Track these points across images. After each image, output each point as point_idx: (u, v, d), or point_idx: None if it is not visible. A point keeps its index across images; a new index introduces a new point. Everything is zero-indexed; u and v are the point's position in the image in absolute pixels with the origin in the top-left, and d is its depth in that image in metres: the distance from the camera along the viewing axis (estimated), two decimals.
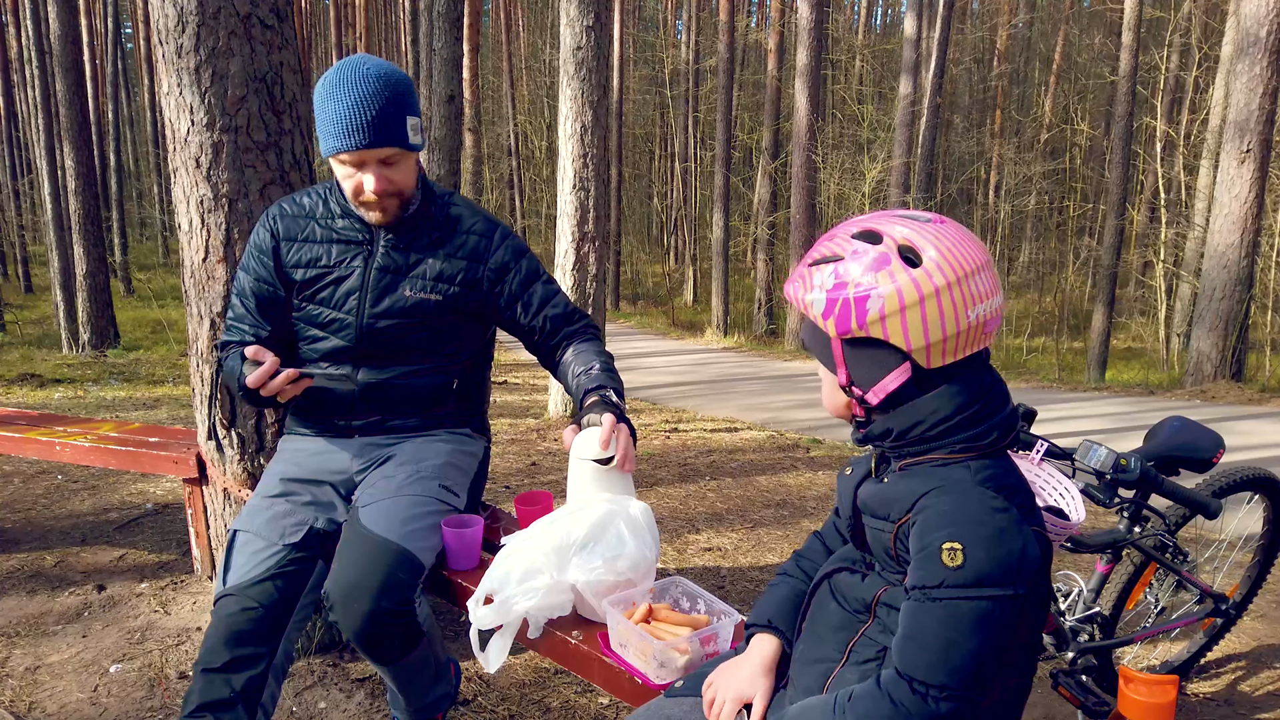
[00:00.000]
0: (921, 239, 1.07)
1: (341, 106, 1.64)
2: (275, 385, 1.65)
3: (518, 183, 25.46)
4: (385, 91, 1.66)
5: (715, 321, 16.45)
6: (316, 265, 1.82)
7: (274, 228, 1.85)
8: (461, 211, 1.90)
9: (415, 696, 1.84)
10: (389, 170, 1.73)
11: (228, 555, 1.72)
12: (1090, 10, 26.99)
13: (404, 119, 1.70)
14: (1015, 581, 1.00)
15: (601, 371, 1.78)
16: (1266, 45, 7.75)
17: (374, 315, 1.80)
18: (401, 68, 19.65)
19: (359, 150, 1.67)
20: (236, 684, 1.60)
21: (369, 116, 1.65)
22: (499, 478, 4.46)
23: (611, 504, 1.60)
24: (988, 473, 1.08)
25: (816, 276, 1.12)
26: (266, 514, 1.75)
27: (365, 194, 1.72)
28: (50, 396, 6.81)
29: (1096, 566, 2.16)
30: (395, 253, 1.82)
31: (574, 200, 5.91)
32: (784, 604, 1.32)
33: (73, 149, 9.90)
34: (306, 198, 1.88)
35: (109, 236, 17.13)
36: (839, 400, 1.19)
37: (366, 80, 1.65)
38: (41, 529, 3.48)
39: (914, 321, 1.05)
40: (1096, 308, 13.33)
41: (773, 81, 16.59)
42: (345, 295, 1.81)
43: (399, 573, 1.60)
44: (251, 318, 1.86)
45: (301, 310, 1.85)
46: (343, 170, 1.73)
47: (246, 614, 1.63)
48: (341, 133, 1.65)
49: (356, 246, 1.82)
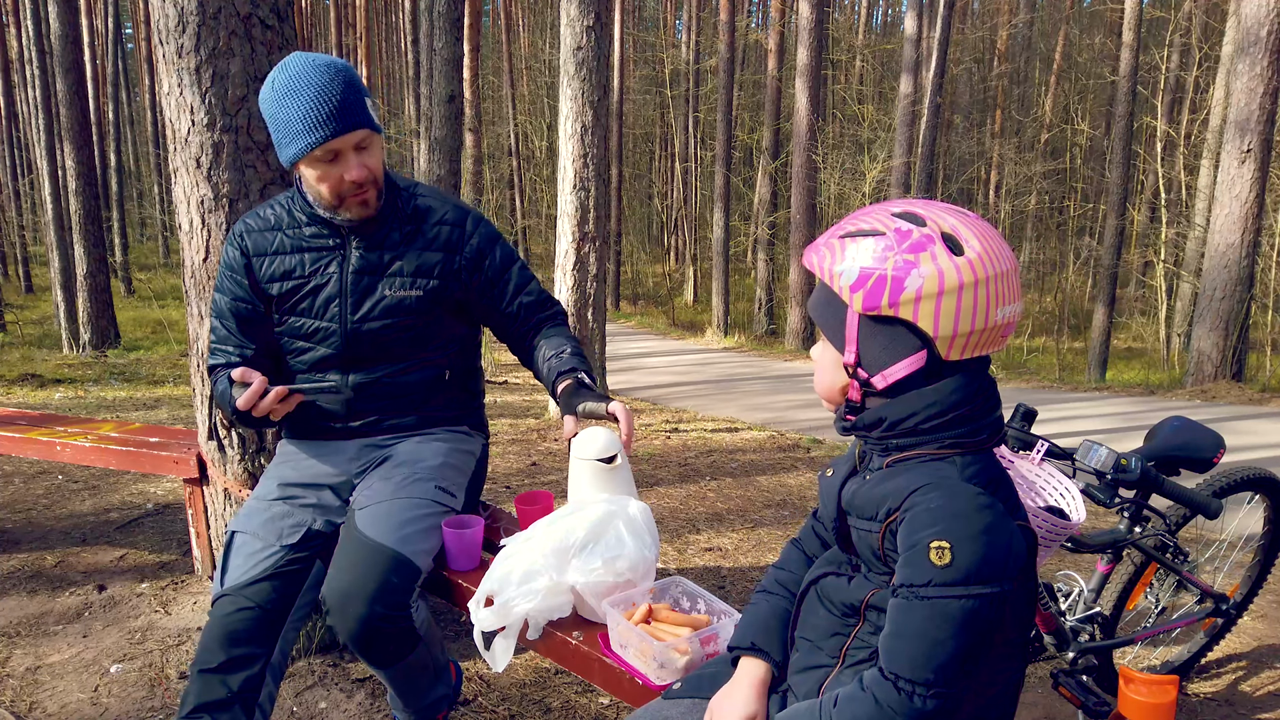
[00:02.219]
0: (966, 229, 1.07)
1: (302, 101, 1.61)
2: (265, 405, 1.64)
3: (518, 183, 25.45)
4: (338, 78, 1.63)
5: (716, 321, 16.45)
6: (291, 277, 1.79)
7: (242, 245, 1.81)
8: (430, 202, 1.86)
9: (414, 698, 1.84)
10: (364, 156, 1.69)
11: (225, 556, 1.71)
12: (1090, 10, 27.00)
13: (363, 101, 1.67)
14: (1002, 578, 1.00)
15: (572, 355, 1.80)
16: (1267, 45, 7.75)
17: (357, 320, 1.79)
18: (401, 68, 19.69)
19: (334, 139, 1.63)
20: (233, 684, 1.59)
21: (334, 104, 1.61)
22: (499, 478, 4.46)
23: (610, 504, 1.60)
24: (974, 468, 1.08)
25: (851, 248, 1.09)
26: (264, 515, 1.75)
27: (346, 185, 1.68)
28: (51, 397, 6.81)
29: (1097, 566, 2.16)
30: (368, 253, 1.79)
31: (574, 200, 5.91)
32: (766, 623, 1.31)
33: (73, 149, 9.91)
34: (270, 210, 1.84)
35: (109, 236, 17.15)
36: (836, 381, 1.17)
37: (317, 71, 1.62)
38: (42, 529, 3.48)
39: (948, 308, 1.04)
40: (1097, 307, 13.33)
41: (773, 81, 16.59)
42: (325, 303, 1.79)
43: (393, 577, 1.59)
44: (235, 338, 1.83)
45: (283, 324, 1.82)
46: (315, 171, 1.68)
47: (243, 614, 1.63)
48: (312, 127, 1.61)
49: (329, 253, 1.79)
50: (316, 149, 1.63)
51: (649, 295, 23.90)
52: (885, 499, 1.10)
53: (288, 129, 1.64)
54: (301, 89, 1.61)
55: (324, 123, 1.62)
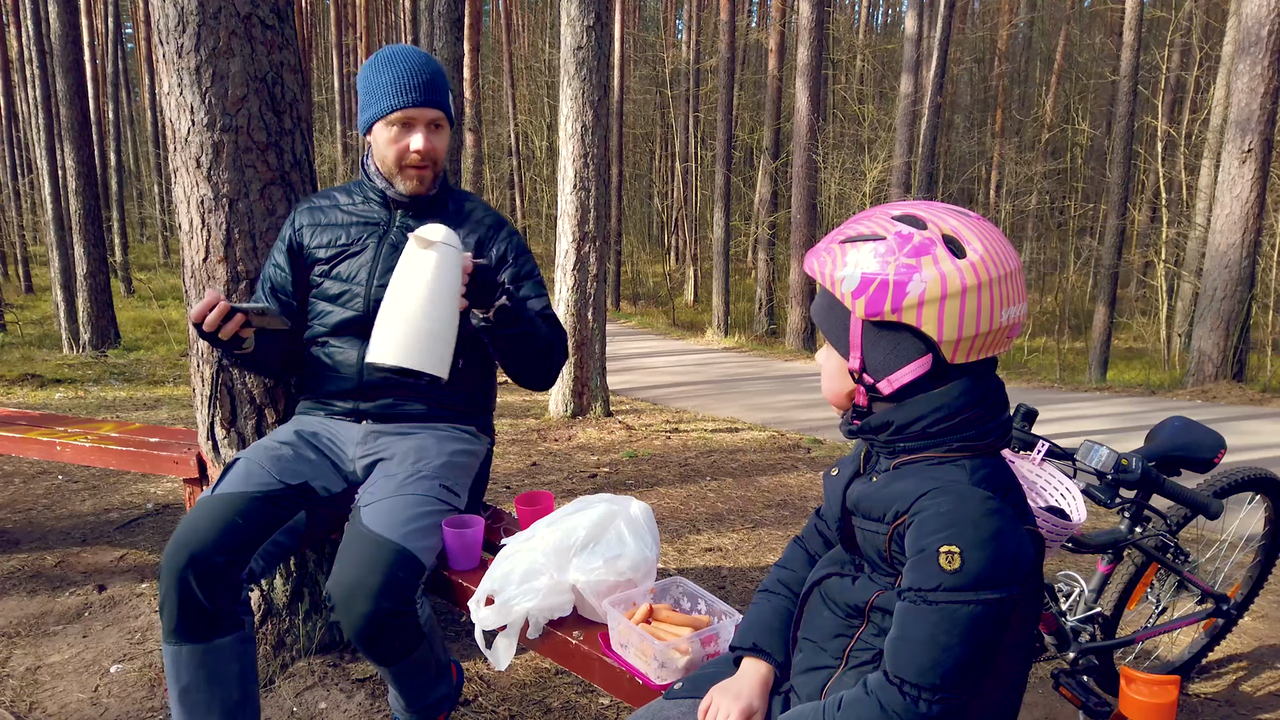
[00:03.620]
0: (968, 231, 1.06)
1: (396, 70, 1.81)
2: (213, 319, 1.66)
3: (518, 182, 25.46)
4: (433, 65, 1.86)
5: (716, 321, 16.44)
6: (335, 245, 1.93)
7: (296, 215, 1.99)
8: (475, 207, 2.03)
9: (416, 697, 1.84)
10: (433, 136, 1.87)
11: (223, 475, 1.78)
12: (1091, 10, 26.99)
13: (448, 92, 1.88)
14: (1010, 583, 1.00)
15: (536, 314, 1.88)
16: (1268, 44, 7.74)
17: (381, 285, 1.86)
18: None
19: (413, 107, 1.81)
20: (214, 555, 1.62)
21: (423, 78, 1.82)
22: (500, 478, 4.46)
23: (612, 504, 1.60)
24: (983, 472, 1.07)
25: (852, 254, 1.08)
26: (271, 453, 1.81)
27: (410, 155, 1.84)
28: (51, 396, 6.81)
29: (1098, 567, 2.16)
30: (408, 230, 1.88)
31: (574, 200, 5.91)
32: (768, 623, 1.30)
33: (73, 149, 9.90)
34: (340, 192, 2.01)
35: (109, 236, 17.15)
36: (843, 387, 1.16)
37: (416, 55, 1.85)
38: (42, 529, 3.48)
39: (951, 312, 1.04)
40: (1098, 307, 13.33)
41: (773, 81, 16.59)
42: (357, 269, 1.91)
43: (399, 572, 1.60)
44: (261, 298, 2.00)
45: (318, 286, 1.94)
46: (387, 134, 1.84)
47: (225, 511, 1.67)
48: (398, 91, 1.80)
49: (373, 226, 1.94)
50: (396, 112, 1.81)
51: (649, 295, 23.89)
52: (893, 501, 1.09)
53: (376, 91, 1.83)
54: (400, 60, 1.82)
55: (409, 90, 1.81)
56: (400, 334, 1.56)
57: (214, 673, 1.67)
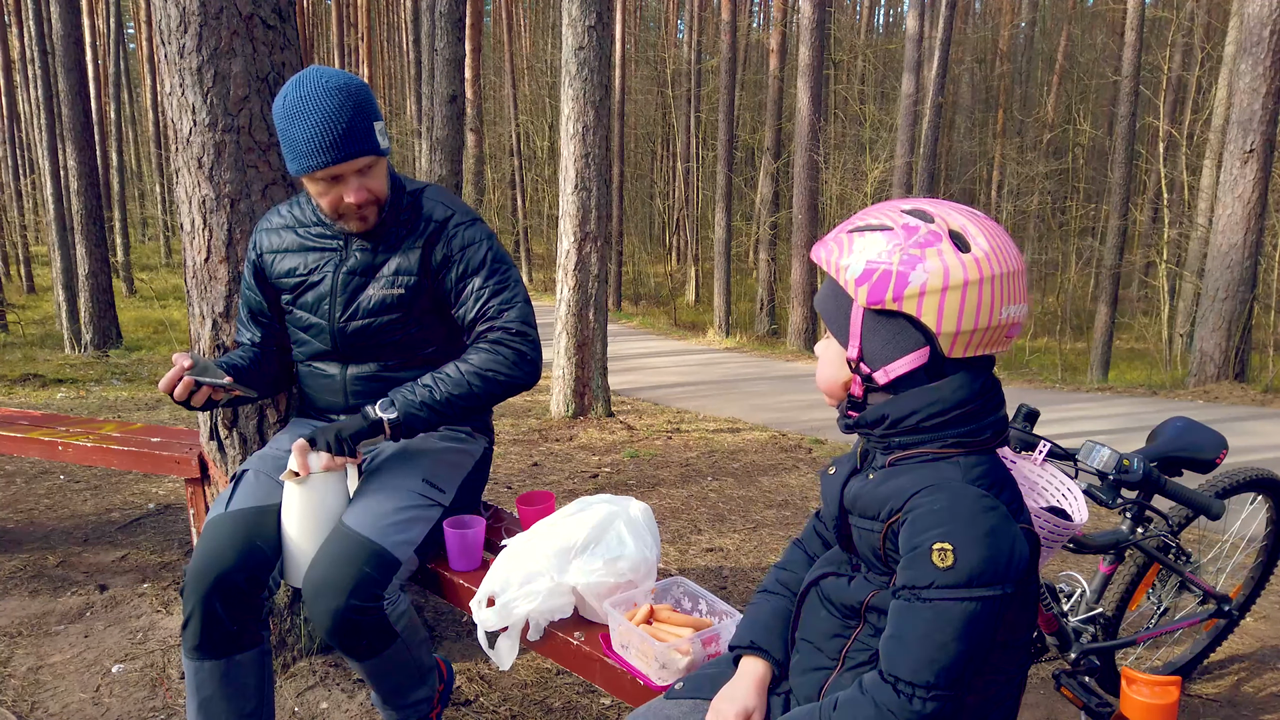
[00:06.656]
0: (975, 228, 1.07)
1: (309, 124, 1.63)
2: (180, 392, 1.69)
3: (520, 182, 25.45)
4: (349, 102, 1.65)
5: (717, 321, 16.44)
6: (294, 274, 1.86)
7: (256, 241, 1.92)
8: (430, 204, 1.85)
9: (393, 696, 1.83)
10: (366, 179, 1.72)
11: (233, 488, 1.79)
12: (1093, 10, 26.97)
13: (371, 126, 1.69)
14: (1004, 581, 1.00)
15: (418, 386, 1.73)
16: (1269, 45, 7.73)
17: (344, 319, 1.83)
18: (403, 68, 19.65)
19: (335, 165, 1.66)
20: (240, 566, 1.66)
21: (339, 131, 1.63)
22: (501, 478, 4.46)
23: (612, 505, 1.60)
24: (978, 470, 1.07)
25: (859, 242, 1.10)
26: (278, 462, 1.83)
27: (345, 205, 1.72)
28: (52, 396, 6.82)
29: (1099, 567, 2.16)
30: (363, 254, 1.82)
31: (576, 200, 5.91)
32: (767, 622, 1.30)
33: (75, 149, 9.91)
34: (288, 209, 1.91)
35: (111, 236, 17.16)
36: (838, 376, 1.17)
37: (329, 95, 1.64)
38: (44, 529, 3.48)
39: (951, 304, 1.04)
40: (1099, 308, 13.33)
41: (775, 81, 16.59)
42: (318, 301, 1.84)
43: (368, 569, 1.61)
44: (247, 326, 1.97)
45: (290, 315, 1.91)
46: (317, 187, 1.72)
47: (248, 532, 1.70)
48: (315, 150, 1.64)
49: (330, 253, 1.84)
50: (318, 171, 1.67)
51: (651, 295, 23.90)
52: (888, 499, 1.10)
53: (293, 147, 1.67)
54: (310, 111, 1.63)
55: (327, 149, 1.64)
56: (302, 559, 1.71)
57: (234, 685, 1.71)
